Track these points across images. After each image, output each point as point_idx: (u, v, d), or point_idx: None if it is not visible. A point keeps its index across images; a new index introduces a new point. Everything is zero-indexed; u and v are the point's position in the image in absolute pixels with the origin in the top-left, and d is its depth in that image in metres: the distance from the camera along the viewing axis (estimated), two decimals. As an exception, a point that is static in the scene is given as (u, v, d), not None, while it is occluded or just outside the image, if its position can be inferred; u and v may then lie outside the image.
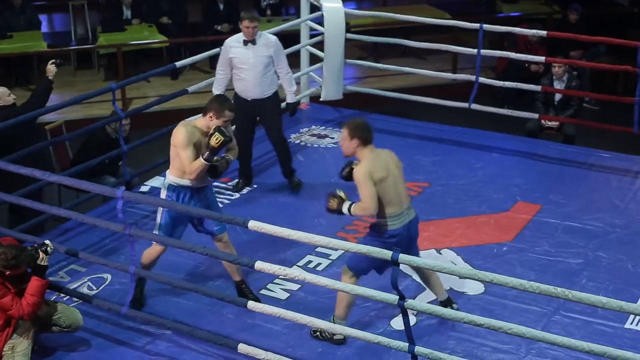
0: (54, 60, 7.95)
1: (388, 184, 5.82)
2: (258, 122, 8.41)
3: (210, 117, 6.18)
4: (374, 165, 5.79)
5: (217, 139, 6.06)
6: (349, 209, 5.84)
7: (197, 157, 6.13)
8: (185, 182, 6.24)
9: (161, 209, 6.28)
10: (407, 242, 5.98)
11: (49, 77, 7.88)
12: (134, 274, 6.13)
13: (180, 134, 6.15)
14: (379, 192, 5.76)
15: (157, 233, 6.31)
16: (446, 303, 6.32)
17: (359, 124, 5.94)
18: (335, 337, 6.14)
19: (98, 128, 8.27)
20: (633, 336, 6.24)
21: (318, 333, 6.18)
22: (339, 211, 5.91)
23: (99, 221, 6.39)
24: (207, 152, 6.10)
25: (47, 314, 5.99)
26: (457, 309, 6.16)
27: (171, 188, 6.30)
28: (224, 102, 6.28)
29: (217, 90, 8.13)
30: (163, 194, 6.35)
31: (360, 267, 5.99)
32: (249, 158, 8.51)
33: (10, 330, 5.83)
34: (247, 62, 7.97)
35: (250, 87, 8.04)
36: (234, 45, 8.03)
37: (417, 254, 6.10)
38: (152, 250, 6.43)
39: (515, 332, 5.06)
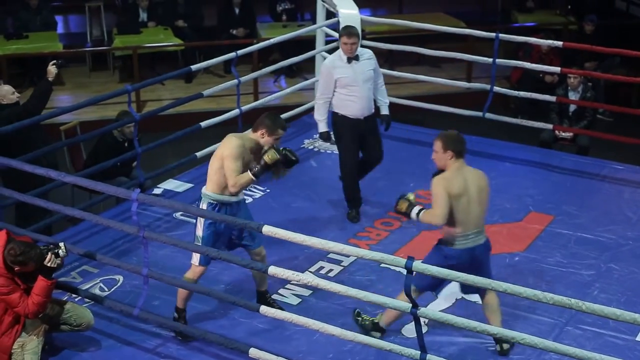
0: (54, 62, 7.95)
1: (460, 203, 5.77)
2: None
3: (262, 134, 6.07)
4: (452, 180, 5.77)
5: (272, 157, 5.98)
6: (417, 214, 5.84)
7: (243, 171, 6.02)
8: (225, 197, 6.08)
9: (202, 220, 6.13)
10: (470, 266, 5.80)
11: (49, 79, 7.87)
12: (146, 275, 6.14)
13: (231, 146, 6.01)
14: (451, 208, 5.75)
15: (195, 259, 6.14)
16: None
17: (453, 136, 5.93)
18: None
19: (107, 132, 8.28)
20: (644, 349, 6.24)
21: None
22: (407, 214, 5.90)
23: (113, 223, 6.40)
24: (258, 168, 5.98)
25: (57, 314, 6.00)
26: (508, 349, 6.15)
27: (211, 205, 6.11)
28: (277, 119, 6.13)
29: (320, 116, 7.91)
30: (199, 219, 6.17)
31: (423, 285, 5.96)
32: (357, 181, 8.06)
33: (20, 327, 5.85)
34: (356, 80, 7.68)
35: (364, 104, 7.73)
36: (337, 65, 7.73)
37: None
38: (190, 274, 6.25)
39: (527, 343, 5.05)
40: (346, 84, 7.68)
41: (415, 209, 5.85)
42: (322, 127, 7.99)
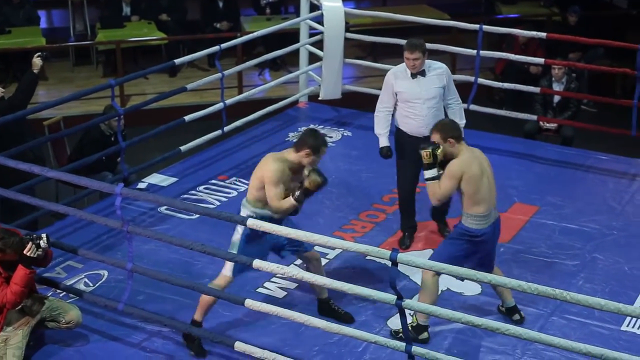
0: (39, 54, 7.92)
1: (482, 183, 5.87)
2: None
3: (307, 153, 5.83)
4: (469, 163, 5.85)
5: (314, 182, 5.75)
6: (432, 177, 5.90)
7: (285, 193, 5.84)
8: (266, 212, 5.91)
9: (240, 231, 5.93)
10: (493, 243, 6.06)
11: (34, 71, 7.84)
12: (131, 270, 6.12)
13: (271, 170, 5.80)
14: (470, 190, 5.84)
15: (233, 251, 5.92)
16: (512, 311, 6.37)
17: (447, 125, 6.03)
18: (420, 337, 6.08)
19: (92, 126, 8.25)
20: (629, 338, 6.24)
21: (400, 334, 6.00)
22: (425, 167, 5.91)
23: (97, 217, 6.39)
24: (299, 193, 5.78)
25: (43, 309, 5.97)
26: (519, 320, 6.26)
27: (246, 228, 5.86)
28: (320, 138, 5.91)
29: (380, 130, 7.26)
30: (238, 229, 5.97)
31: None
32: (414, 205, 7.47)
33: (2, 320, 5.81)
34: (419, 96, 7.02)
35: (425, 123, 6.93)
36: (399, 77, 7.11)
37: (492, 256, 6.17)
38: (218, 282, 6.08)
39: (512, 333, 5.06)
40: (406, 99, 7.05)
41: (431, 173, 5.91)
42: (381, 141, 7.30)
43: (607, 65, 11.58)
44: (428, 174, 5.94)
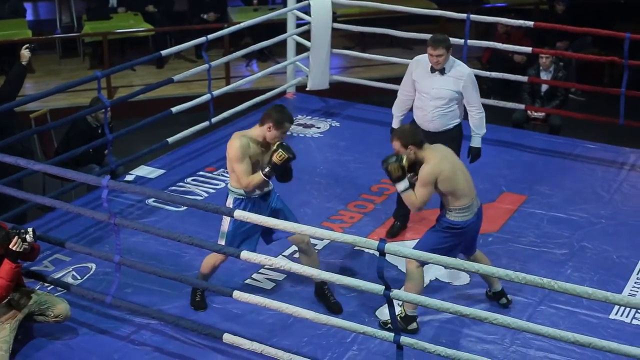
0: (27, 45, 7.88)
1: (458, 178, 5.87)
2: None
3: (269, 127, 5.92)
4: (439, 165, 5.83)
5: (280, 156, 5.86)
6: (405, 189, 5.87)
7: (253, 169, 5.93)
8: (247, 193, 6.05)
9: (228, 218, 6.01)
10: (476, 229, 6.13)
11: (23, 63, 7.81)
12: (118, 263, 6.10)
13: (234, 148, 5.91)
14: (450, 188, 5.84)
15: (221, 242, 6.05)
16: (500, 295, 6.41)
17: (405, 130, 6.00)
18: (409, 328, 6.10)
19: (79, 118, 8.21)
20: (617, 327, 6.26)
21: (389, 325, 5.98)
22: (395, 180, 5.87)
23: (84, 210, 6.36)
24: (268, 169, 5.89)
25: (31, 303, 5.95)
26: (505, 304, 6.32)
27: (237, 200, 6.06)
28: (284, 113, 5.97)
29: (396, 111, 7.36)
30: (229, 203, 6.10)
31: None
32: None
33: None
34: (428, 91, 7.00)
35: (428, 119, 7.03)
36: (420, 66, 7.08)
37: (475, 242, 6.27)
38: (212, 259, 6.25)
39: (500, 323, 5.06)
40: (419, 89, 7.06)
41: (403, 184, 5.87)
42: (393, 122, 7.41)
43: (595, 53, 11.60)
44: (400, 186, 5.87)
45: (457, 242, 6.02)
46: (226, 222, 6.04)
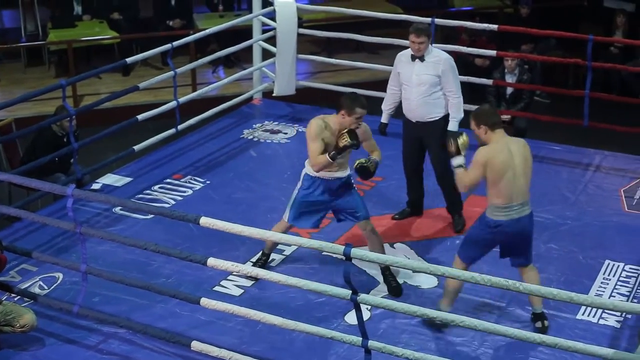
0: None
1: (505, 175, 5.82)
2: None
3: (342, 114, 6.23)
4: (496, 151, 5.82)
5: (344, 140, 6.14)
6: (457, 166, 5.95)
7: (324, 151, 6.26)
8: (321, 173, 6.41)
9: (298, 186, 6.53)
10: (514, 237, 6.01)
11: None
12: (85, 272, 6.07)
13: (311, 126, 6.31)
14: (492, 180, 5.82)
15: (288, 208, 6.59)
16: (537, 318, 6.26)
17: (483, 111, 6.03)
18: (437, 322, 6.14)
19: (44, 128, 8.16)
20: (585, 327, 6.31)
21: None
22: (450, 155, 5.98)
23: (49, 220, 6.33)
24: (334, 152, 6.20)
25: (0, 313, 5.91)
26: (540, 328, 6.17)
27: (307, 177, 6.49)
28: (356, 99, 6.25)
29: (384, 106, 7.68)
30: (301, 179, 6.55)
31: (468, 255, 6.08)
32: (419, 184, 7.77)
33: None
34: (410, 79, 7.29)
35: (413, 107, 7.33)
36: (402, 59, 7.39)
37: (524, 251, 6.15)
38: (278, 227, 6.66)
39: (467, 325, 5.09)
40: (403, 80, 7.36)
41: (458, 160, 5.96)
42: (382, 117, 7.72)
43: (559, 56, 11.69)
44: (454, 162, 6.01)
45: (490, 240, 6.00)
46: (296, 190, 6.56)
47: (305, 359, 5.96)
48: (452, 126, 7.38)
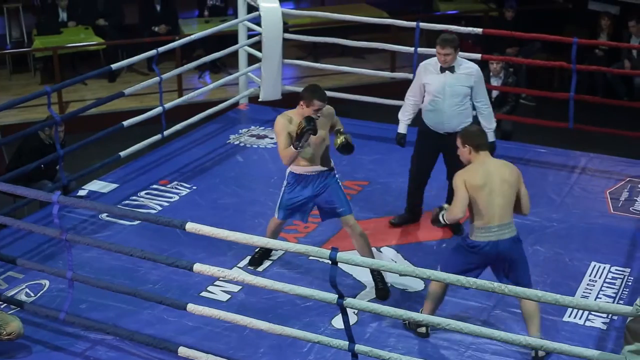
0: None
1: (481, 195, 5.76)
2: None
3: (301, 105, 6.42)
4: (473, 172, 5.80)
5: (300, 125, 6.26)
6: (444, 217, 5.93)
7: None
8: (299, 169, 6.61)
9: (283, 187, 6.71)
10: (495, 260, 5.90)
11: None
12: (71, 279, 6.06)
13: (277, 123, 6.53)
14: (471, 200, 5.77)
15: (277, 208, 6.77)
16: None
17: (471, 131, 6.03)
18: (418, 330, 6.18)
19: (31, 134, 8.14)
20: (571, 329, 6.32)
21: (406, 322, 6.21)
22: (438, 221, 5.99)
23: (35, 227, 6.32)
24: (295, 141, 6.33)
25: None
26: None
27: (289, 175, 6.68)
28: (315, 91, 6.41)
29: (403, 117, 7.48)
30: (285, 181, 6.74)
31: (447, 271, 5.86)
32: (420, 194, 7.70)
33: None
34: (442, 91, 7.15)
35: (446, 118, 7.18)
36: (429, 69, 7.24)
37: (513, 277, 5.92)
38: (271, 224, 6.90)
39: (453, 328, 5.10)
40: (431, 92, 7.19)
41: (442, 213, 5.94)
42: (400, 127, 7.53)
43: (544, 59, 11.72)
44: (441, 218, 5.99)
45: (470, 262, 5.89)
46: (282, 187, 6.74)
47: (292, 364, 5.97)
48: (491, 137, 7.29)
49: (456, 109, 7.17)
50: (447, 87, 7.15)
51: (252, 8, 10.19)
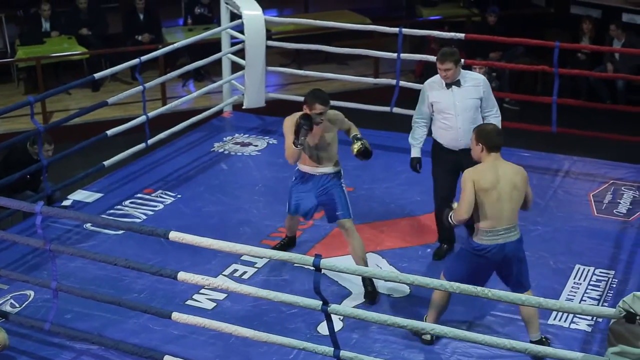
0: None
1: (489, 197, 5.71)
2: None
3: (305, 109, 6.55)
4: (482, 172, 5.74)
5: (296, 123, 6.46)
6: (451, 217, 5.90)
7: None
8: (305, 167, 6.79)
9: (291, 183, 6.93)
10: (501, 262, 5.86)
11: None
12: (55, 289, 6.05)
13: (284, 123, 6.71)
14: (478, 202, 5.71)
15: (287, 204, 7.00)
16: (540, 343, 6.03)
17: (486, 130, 5.90)
18: (423, 337, 6.17)
19: (17, 146, 8.12)
20: (556, 332, 6.33)
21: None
22: (448, 221, 5.97)
23: (18, 237, 6.31)
24: (294, 139, 6.48)
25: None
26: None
27: (296, 171, 6.91)
28: (317, 96, 6.54)
29: (414, 142, 7.21)
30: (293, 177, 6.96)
31: (452, 273, 5.93)
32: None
33: None
34: (453, 107, 6.89)
35: (461, 135, 6.87)
36: (434, 87, 6.99)
37: (517, 277, 5.93)
38: (286, 219, 7.27)
39: (438, 333, 5.11)
40: (441, 109, 6.93)
41: (451, 214, 5.90)
42: (413, 151, 7.26)
43: (527, 63, 11.78)
44: (450, 219, 5.96)
45: (475, 264, 5.85)
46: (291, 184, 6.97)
47: (278, 371, 5.97)
48: None
49: (469, 123, 6.82)
50: (457, 103, 6.89)
51: (235, 16, 10.20)
